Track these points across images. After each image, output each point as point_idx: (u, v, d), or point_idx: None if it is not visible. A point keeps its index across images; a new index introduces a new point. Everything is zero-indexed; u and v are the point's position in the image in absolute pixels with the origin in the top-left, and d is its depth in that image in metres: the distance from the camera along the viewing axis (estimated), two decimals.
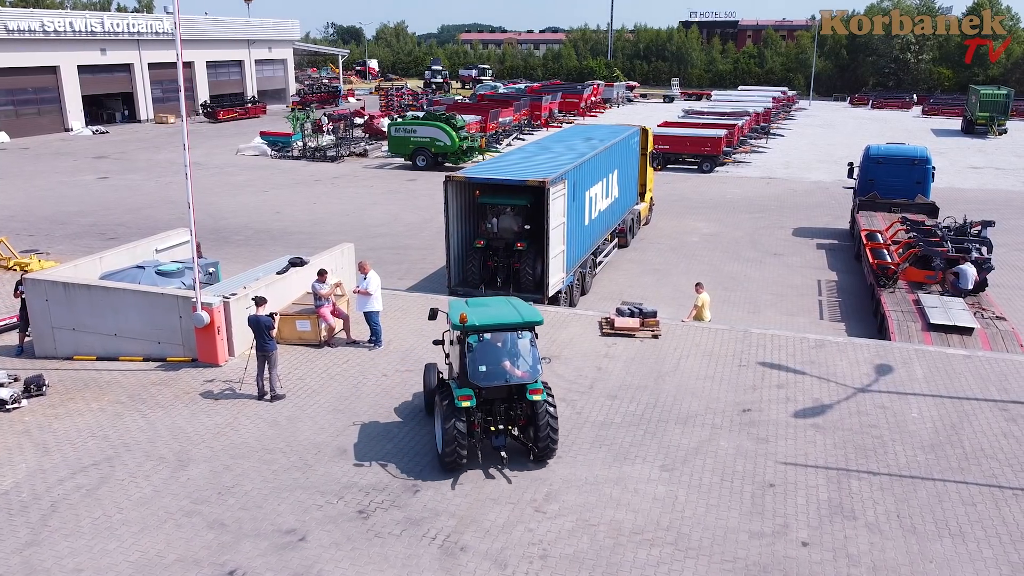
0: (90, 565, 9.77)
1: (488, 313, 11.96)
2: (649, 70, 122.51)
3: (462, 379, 11.53)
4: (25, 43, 54.58)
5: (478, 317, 11.71)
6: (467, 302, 12.74)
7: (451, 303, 12.73)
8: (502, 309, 12.25)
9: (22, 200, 36.25)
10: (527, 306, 12.65)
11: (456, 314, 11.63)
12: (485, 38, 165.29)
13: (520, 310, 12.31)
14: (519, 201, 19.40)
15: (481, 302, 12.75)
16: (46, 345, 17.24)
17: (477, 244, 19.83)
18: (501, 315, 11.98)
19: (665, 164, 45.16)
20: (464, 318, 11.35)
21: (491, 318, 11.79)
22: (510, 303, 12.64)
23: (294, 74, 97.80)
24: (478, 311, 11.99)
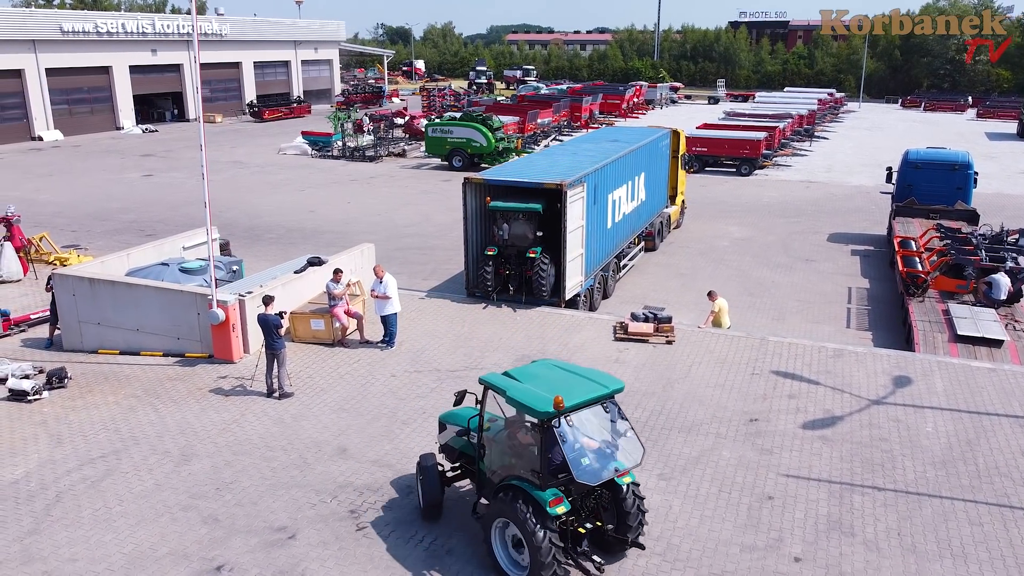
0: (85, 555, 10.03)
1: (562, 387, 9.23)
2: (696, 71, 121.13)
3: (544, 478, 8.95)
4: (79, 44, 56.27)
5: (562, 394, 8.96)
6: (507, 373, 9.87)
7: (492, 381, 9.71)
8: (568, 379, 9.60)
9: (69, 197, 37.36)
10: (588, 369, 10.26)
11: (527, 397, 9.07)
12: (532, 39, 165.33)
13: (592, 376, 9.76)
14: (531, 206, 18.86)
15: (525, 373, 9.83)
16: (73, 339, 17.75)
17: (488, 252, 19.33)
18: (580, 387, 9.34)
19: (703, 167, 44.62)
20: (560, 402, 8.72)
21: (577, 394, 9.12)
22: (561, 367, 10.08)
23: (341, 74, 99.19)
24: (546, 386, 9.30)
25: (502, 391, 9.41)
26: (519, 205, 18.94)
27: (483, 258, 19.47)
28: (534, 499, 8.96)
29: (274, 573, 9.70)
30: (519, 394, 9.20)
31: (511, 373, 9.78)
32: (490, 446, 9.94)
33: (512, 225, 19.22)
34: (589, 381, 9.54)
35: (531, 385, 9.36)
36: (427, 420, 13.62)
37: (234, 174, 43.76)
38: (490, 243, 19.50)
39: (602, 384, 9.48)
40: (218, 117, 66.47)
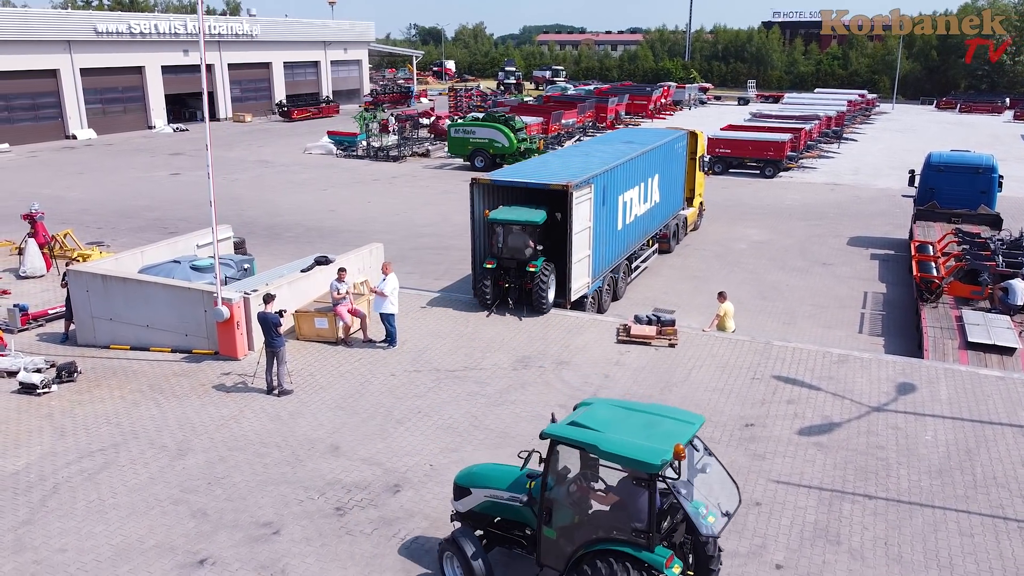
0: (74, 546, 10.27)
1: (649, 431, 8.24)
2: (727, 72, 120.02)
3: (653, 537, 7.87)
4: (113, 44, 57.41)
5: (651, 438, 8.04)
6: (574, 423, 8.51)
7: (570, 436, 8.30)
8: (647, 420, 8.51)
9: (97, 194, 38.14)
10: (654, 405, 9.43)
11: (630, 449, 7.86)
12: (563, 39, 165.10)
13: (667, 413, 8.82)
14: (531, 219, 18.37)
15: (594, 419, 8.52)
16: (87, 334, 18.15)
17: (487, 265, 18.77)
18: (667, 428, 8.26)
19: (727, 169, 44.26)
20: (682, 452, 7.67)
21: (673, 437, 8.01)
22: (626, 407, 8.97)
23: (371, 75, 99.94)
24: (629, 431, 8.22)
25: (592, 446, 8.07)
26: (518, 218, 18.52)
27: (482, 271, 18.95)
28: (642, 562, 7.86)
29: (255, 568, 9.85)
30: (617, 447, 7.91)
31: (579, 422, 8.44)
32: (556, 509, 8.59)
33: (511, 237, 18.75)
34: (670, 419, 8.50)
35: (615, 433, 8.14)
36: (421, 419, 13.72)
37: (259, 173, 44.33)
38: (488, 255, 19.00)
39: (686, 420, 8.46)
40: (248, 116, 67.38)
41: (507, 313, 18.82)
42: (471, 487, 9.48)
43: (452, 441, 13.02)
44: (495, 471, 9.63)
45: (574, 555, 8.28)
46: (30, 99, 53.27)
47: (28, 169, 45.30)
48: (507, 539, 9.44)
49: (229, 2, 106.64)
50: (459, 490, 9.63)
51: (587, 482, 8.76)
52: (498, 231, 18.77)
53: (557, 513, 8.58)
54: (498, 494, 9.24)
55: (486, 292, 18.86)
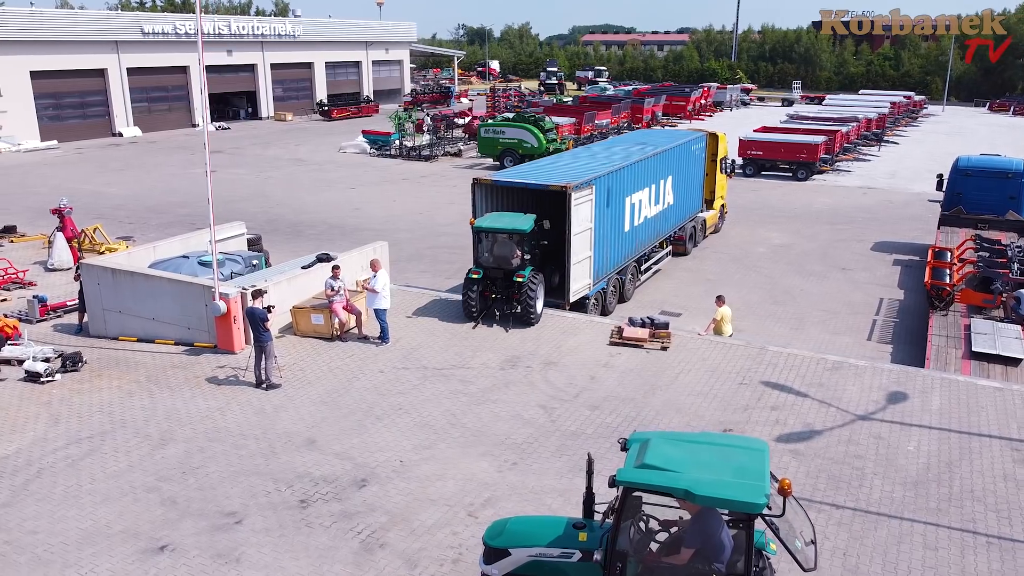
0: (46, 529, 10.68)
1: (725, 463, 7.65)
2: (774, 72, 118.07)
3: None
4: (159, 45, 59.03)
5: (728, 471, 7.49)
6: (643, 465, 7.67)
7: (652, 481, 7.48)
8: (718, 452, 7.94)
9: (134, 190, 39.29)
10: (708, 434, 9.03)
11: (726, 490, 7.22)
12: (608, 39, 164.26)
13: (729, 441, 8.48)
14: (518, 228, 17.90)
15: (661, 457, 7.70)
16: (98, 325, 18.76)
17: (472, 275, 18.08)
18: (742, 459, 7.73)
19: (759, 171, 43.66)
20: (789, 487, 7.17)
21: (758, 469, 7.52)
22: (686, 440, 8.31)
23: (415, 74, 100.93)
24: (703, 467, 7.57)
25: (682, 491, 7.24)
26: (504, 226, 18.10)
27: (467, 281, 18.25)
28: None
29: (212, 556, 10.13)
30: (714, 489, 7.20)
31: (650, 463, 7.60)
32: (630, 563, 7.73)
33: (498, 246, 18.22)
34: (740, 449, 7.93)
35: (694, 472, 7.45)
36: (400, 416, 13.90)
37: (292, 171, 45.13)
38: (474, 265, 18.36)
39: (756, 449, 7.91)
40: (288, 115, 68.61)
41: (494, 324, 18.23)
42: (510, 547, 8.28)
43: (426, 438, 13.17)
44: (534, 525, 8.63)
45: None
46: (79, 98, 55.08)
47: (73, 165, 46.87)
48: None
49: (278, 3, 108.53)
50: (493, 553, 8.33)
51: (649, 529, 7.99)
52: (484, 239, 18.26)
53: (630, 568, 7.68)
54: (546, 552, 8.14)
55: (472, 303, 18.24)
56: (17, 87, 51.26)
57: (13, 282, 22.88)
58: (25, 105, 51.80)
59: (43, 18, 53.24)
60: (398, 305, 19.55)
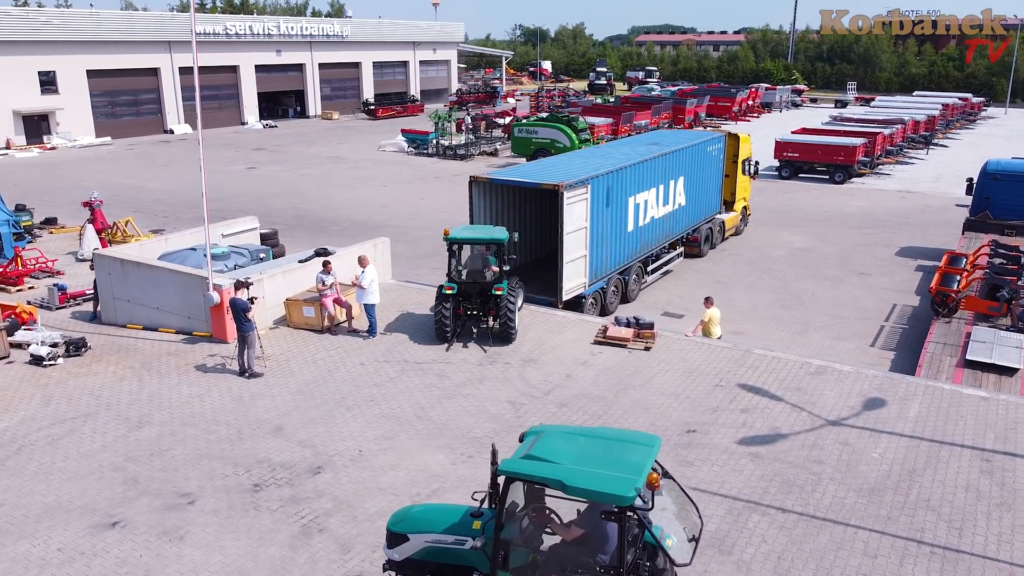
0: (11, 502, 11.29)
1: (610, 457, 7.88)
2: (831, 73, 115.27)
3: (621, 573, 7.45)
4: (210, 45, 60.79)
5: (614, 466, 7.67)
6: (529, 456, 7.82)
7: (530, 472, 7.67)
8: (606, 446, 8.17)
9: (174, 185, 40.65)
10: (605, 429, 9.39)
11: (597, 482, 7.36)
12: (663, 39, 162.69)
13: (622, 436, 8.62)
14: (495, 237, 16.96)
15: (549, 450, 7.85)
16: (109, 313, 19.58)
17: (446, 291, 16.66)
18: (629, 453, 7.94)
19: (795, 173, 42.88)
20: (657, 481, 7.38)
21: (641, 463, 7.68)
22: (579, 434, 8.47)
23: (464, 74, 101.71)
24: (589, 460, 7.76)
25: (556, 482, 7.42)
26: (479, 236, 17.27)
27: (439, 296, 16.82)
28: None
29: (158, 533, 10.57)
30: (585, 481, 7.36)
31: (535, 455, 7.77)
32: (512, 550, 7.88)
33: (472, 259, 17.31)
34: (629, 444, 8.11)
35: (575, 464, 7.60)
36: (369, 407, 14.21)
37: (329, 169, 46.05)
38: (447, 280, 17.00)
39: (645, 444, 8.07)
40: (335, 114, 69.95)
41: (470, 343, 17.02)
42: (408, 532, 8.53)
43: (390, 430, 13.44)
44: (433, 513, 8.88)
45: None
46: (132, 96, 57.18)
47: (123, 161, 48.72)
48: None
49: (333, 3, 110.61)
50: (394, 537, 8.59)
51: (544, 518, 8.13)
52: (458, 252, 17.11)
53: (513, 555, 7.86)
54: (441, 538, 8.37)
55: (445, 321, 16.77)
56: (75, 85, 53.53)
57: (42, 271, 23.99)
58: (82, 103, 54.07)
59: (101, 19, 55.41)
60: (395, 300, 19.93)
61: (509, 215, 21.45)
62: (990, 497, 11.40)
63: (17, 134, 51.32)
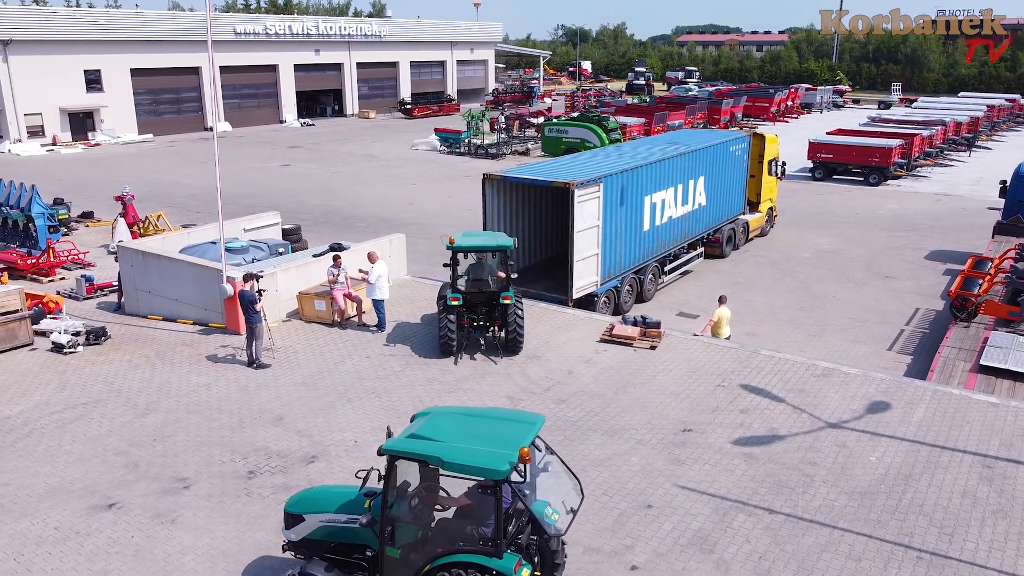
0: (17, 482, 11.71)
1: (490, 435, 8.24)
2: (877, 73, 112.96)
3: (502, 544, 7.90)
4: (251, 44, 62.05)
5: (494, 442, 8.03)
6: (414, 435, 8.26)
7: (410, 449, 8.05)
8: (488, 425, 8.64)
9: (210, 182, 41.06)
10: (492, 408, 9.98)
11: (473, 458, 7.77)
12: (706, 39, 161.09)
13: (507, 415, 9.07)
14: (501, 244, 16.19)
15: (433, 429, 8.33)
16: (132, 304, 20.14)
17: (452, 301, 15.71)
18: (508, 431, 8.27)
19: (829, 175, 42.21)
20: (527, 455, 7.74)
21: (515, 440, 7.99)
22: (465, 414, 9.17)
23: (502, 74, 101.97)
24: (471, 438, 8.20)
25: (435, 458, 7.82)
26: (486, 243, 16.43)
27: (444, 308, 15.85)
28: (491, 570, 7.77)
29: (151, 516, 10.88)
30: (462, 457, 7.75)
31: (418, 434, 8.20)
32: (398, 527, 8.31)
33: (477, 267, 16.48)
34: (510, 422, 8.48)
35: (456, 442, 8.00)
36: (370, 400, 14.42)
37: (361, 167, 46.60)
38: (451, 290, 16.00)
39: (527, 422, 8.41)
40: (372, 113, 70.71)
41: (478, 355, 16.35)
42: (304, 513, 8.92)
43: (388, 421, 13.56)
44: (328, 493, 9.23)
45: (420, 572, 8.01)
46: (174, 94, 58.51)
47: (163, 157, 49.91)
48: (347, 564, 8.86)
49: (375, 3, 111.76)
50: (291, 518, 8.98)
51: (429, 496, 8.46)
52: (463, 260, 16.32)
53: (400, 531, 8.27)
54: (334, 518, 8.73)
55: (451, 336, 15.84)
56: (119, 84, 54.99)
57: (74, 262, 24.74)
58: (125, 100, 55.51)
59: (146, 19, 56.83)
60: (408, 296, 20.15)
61: (523, 213, 21.55)
62: (986, 504, 11.15)
63: (63, 131, 52.90)
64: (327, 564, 8.84)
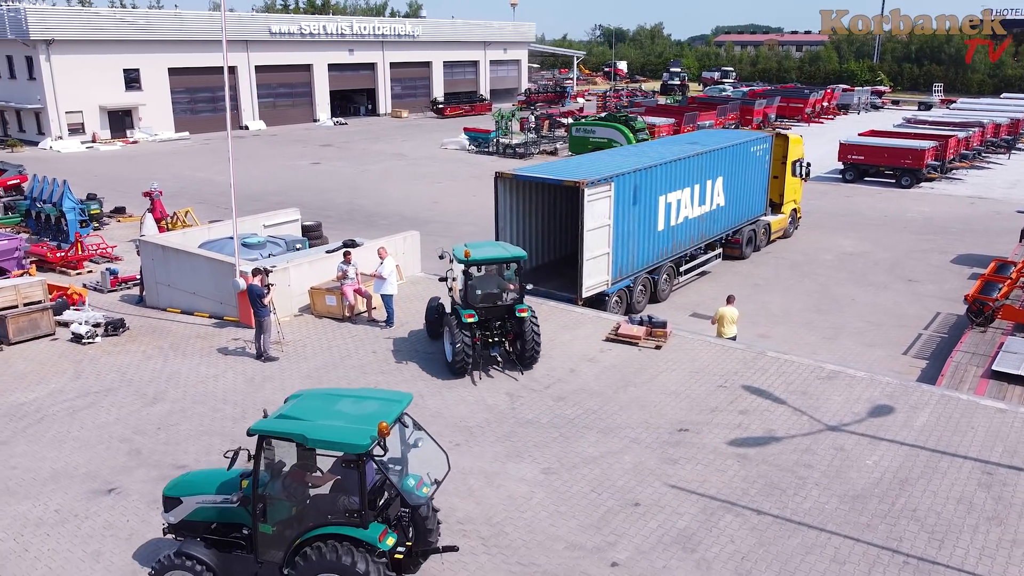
0: (24, 466, 12.12)
1: (357, 413, 8.67)
2: (920, 74, 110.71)
3: (366, 515, 8.39)
4: (286, 44, 62.95)
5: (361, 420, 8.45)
6: (281, 416, 8.79)
7: (276, 429, 8.51)
8: (356, 404, 8.98)
9: (241, 178, 41.57)
10: (363, 389, 10.39)
11: (336, 434, 8.25)
12: (744, 39, 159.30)
13: (375, 395, 9.44)
14: (515, 255, 15.50)
15: (302, 409, 8.84)
16: (153, 297, 20.64)
17: (467, 318, 14.76)
18: (375, 409, 8.70)
19: (860, 176, 41.54)
20: (387, 429, 8.07)
21: (379, 416, 8.40)
22: (335, 394, 9.46)
23: (535, 74, 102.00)
24: (338, 416, 8.65)
25: (300, 436, 8.22)
26: (501, 255, 15.56)
27: (459, 326, 14.84)
28: (359, 541, 8.19)
29: (148, 501, 11.18)
30: (325, 434, 8.19)
31: (287, 414, 8.69)
32: (270, 504, 8.65)
33: (488, 280, 15.64)
34: (377, 401, 8.94)
35: (323, 421, 8.44)
36: None
37: (389, 165, 47.01)
38: (464, 307, 15.01)
39: (393, 400, 8.92)
40: (404, 112, 71.25)
41: (494, 369, 15.56)
42: (182, 496, 9.20)
43: None
44: (204, 476, 9.57)
45: (292, 545, 8.40)
46: (210, 93, 59.52)
47: (197, 155, 50.86)
48: (225, 543, 9.12)
49: (411, 3, 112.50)
50: (169, 501, 9.26)
51: (301, 473, 8.80)
52: (474, 273, 15.36)
53: (271, 508, 8.61)
54: (211, 499, 9.08)
55: (468, 357, 14.88)
56: (157, 83, 56.18)
57: (102, 256, 25.40)
58: (163, 99, 56.69)
59: (184, 19, 57.99)
60: (420, 292, 20.33)
61: (536, 212, 21.64)
62: (982, 510, 10.96)
63: (103, 128, 54.17)
64: (206, 544, 9.07)
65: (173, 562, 8.69)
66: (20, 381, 15.35)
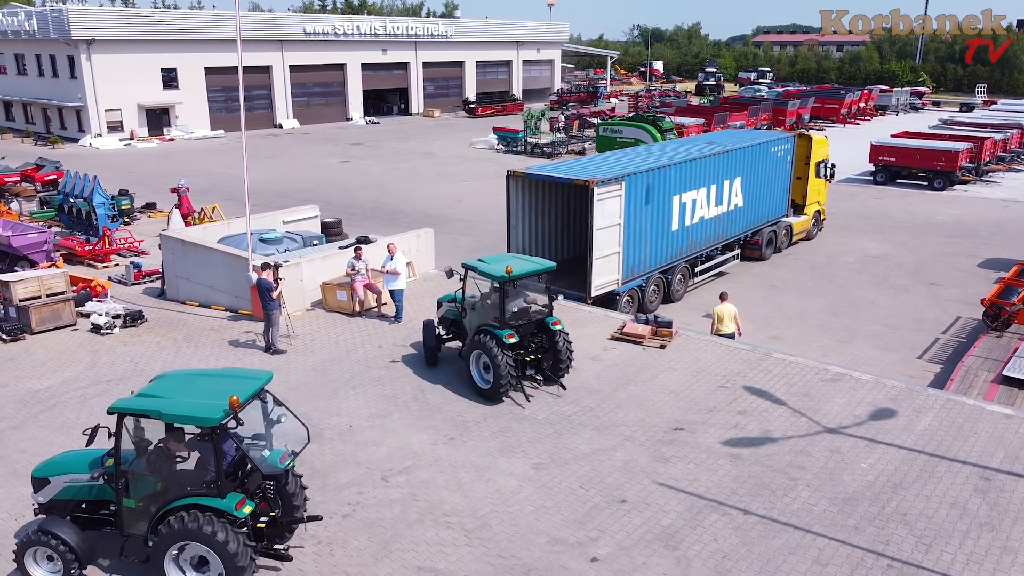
0: (32, 450, 12.53)
1: (214, 391, 8.98)
2: (964, 75, 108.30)
3: (223, 485, 8.91)
4: (319, 44, 63.74)
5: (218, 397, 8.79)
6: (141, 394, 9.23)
7: (133, 406, 9.02)
8: (214, 382, 9.52)
9: (271, 176, 42.93)
10: (225, 368, 11.58)
11: (190, 409, 8.74)
12: (783, 39, 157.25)
13: (234, 373, 10.46)
14: (547, 266, 14.82)
15: (164, 388, 9.35)
16: (173, 290, 21.13)
17: (508, 338, 13.81)
18: (232, 386, 9.14)
19: (892, 178, 40.85)
20: (236, 402, 8.62)
21: (235, 393, 8.84)
22: (196, 374, 10.66)
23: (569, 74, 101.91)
24: (196, 393, 9.14)
25: (155, 412, 8.71)
26: (535, 268, 14.69)
27: (499, 346, 13.81)
28: (217, 510, 8.65)
29: None
30: (179, 409, 8.68)
31: (147, 392, 9.11)
32: (133, 479, 9.07)
33: (517, 295, 14.82)
34: (237, 378, 9.46)
35: (181, 398, 8.89)
36: (373, 387, 14.83)
37: (417, 164, 47.38)
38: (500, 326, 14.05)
39: (252, 377, 9.49)
40: (436, 112, 71.69)
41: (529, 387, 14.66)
42: (50, 476, 9.51)
43: (385, 408, 14.00)
44: (73, 457, 9.83)
45: (154, 517, 8.88)
46: (245, 91, 60.34)
47: (230, 152, 51.72)
48: (95, 520, 9.50)
49: (447, 3, 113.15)
50: (38, 482, 9.57)
51: (169, 449, 9.19)
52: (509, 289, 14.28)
53: (135, 483, 9.04)
54: (77, 477, 9.40)
55: (512, 380, 13.95)
56: (193, 82, 57.30)
57: (129, 250, 26.05)
58: (199, 98, 57.81)
59: (220, 19, 59.06)
60: (431, 289, 20.50)
61: (548, 211, 21.72)
62: (975, 516, 10.79)
63: (140, 126, 55.42)
64: (76, 522, 9.41)
65: (31, 539, 9.14)
66: (38, 369, 15.86)
